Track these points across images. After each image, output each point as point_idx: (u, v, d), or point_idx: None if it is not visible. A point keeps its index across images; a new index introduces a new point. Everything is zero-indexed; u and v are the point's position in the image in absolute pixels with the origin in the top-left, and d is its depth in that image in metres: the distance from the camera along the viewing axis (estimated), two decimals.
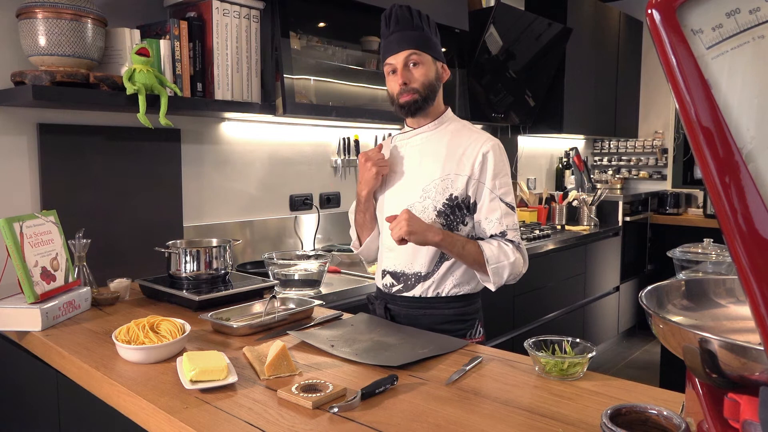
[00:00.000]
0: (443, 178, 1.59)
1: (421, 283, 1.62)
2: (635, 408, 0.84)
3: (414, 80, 1.57)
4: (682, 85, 0.54)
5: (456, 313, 1.63)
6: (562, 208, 4.15)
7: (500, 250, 1.55)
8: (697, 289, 0.88)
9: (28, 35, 1.76)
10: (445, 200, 1.58)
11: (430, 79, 1.59)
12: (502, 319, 3.11)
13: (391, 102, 1.65)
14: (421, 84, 1.58)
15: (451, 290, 1.62)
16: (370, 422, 1.01)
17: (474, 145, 1.59)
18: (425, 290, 1.62)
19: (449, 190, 1.58)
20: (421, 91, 1.58)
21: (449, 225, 1.58)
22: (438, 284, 1.62)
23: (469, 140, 1.61)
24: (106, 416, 1.28)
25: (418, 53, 1.57)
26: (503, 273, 1.55)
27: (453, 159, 1.59)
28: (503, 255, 1.54)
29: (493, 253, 1.54)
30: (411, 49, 1.56)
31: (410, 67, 1.57)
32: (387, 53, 1.60)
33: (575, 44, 3.98)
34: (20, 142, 1.95)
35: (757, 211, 0.52)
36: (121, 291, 1.85)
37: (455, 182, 1.58)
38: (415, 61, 1.57)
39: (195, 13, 2.13)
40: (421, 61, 1.57)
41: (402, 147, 1.69)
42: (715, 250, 2.45)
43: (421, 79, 1.57)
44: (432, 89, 1.60)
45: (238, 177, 2.57)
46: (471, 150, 1.59)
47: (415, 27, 1.58)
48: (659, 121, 5.09)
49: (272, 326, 1.57)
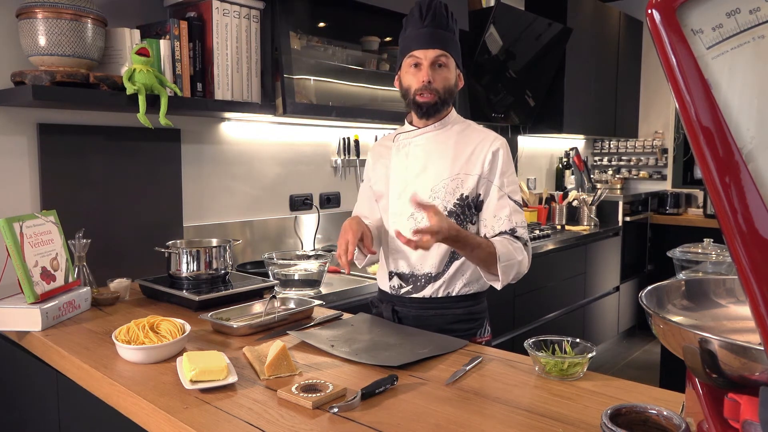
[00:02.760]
0: (453, 178, 1.57)
1: (432, 284, 1.61)
2: (635, 408, 0.84)
3: (437, 81, 1.55)
4: (682, 85, 0.54)
5: (466, 312, 1.62)
6: (562, 208, 4.15)
7: (512, 248, 1.52)
8: (697, 289, 0.88)
9: (28, 35, 1.76)
10: (456, 200, 1.57)
11: (451, 84, 1.58)
12: (503, 319, 3.11)
13: (404, 96, 1.61)
14: (443, 87, 1.56)
15: (461, 289, 1.61)
16: (370, 422, 1.01)
17: (483, 143, 1.58)
18: (436, 290, 1.61)
19: (460, 190, 1.57)
20: (441, 94, 1.56)
21: (459, 225, 1.57)
22: (448, 284, 1.61)
23: (477, 139, 1.60)
24: (106, 416, 1.28)
25: (447, 56, 1.55)
26: (511, 272, 1.52)
27: (461, 158, 1.58)
28: (514, 252, 1.52)
29: (504, 251, 1.51)
30: (442, 50, 1.54)
31: (437, 67, 1.55)
32: (415, 45, 1.54)
33: (575, 44, 3.98)
34: (20, 142, 1.95)
35: (757, 211, 0.52)
36: (121, 291, 1.85)
37: (465, 182, 1.57)
38: (443, 63, 1.55)
39: (195, 13, 2.13)
40: (447, 65, 1.56)
41: (405, 146, 1.66)
42: (715, 250, 2.45)
43: (444, 82, 1.56)
44: (451, 94, 1.59)
45: (238, 177, 2.57)
46: (480, 149, 1.58)
47: (449, 28, 1.57)
48: (659, 121, 5.09)
49: (272, 326, 1.57)
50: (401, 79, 1.62)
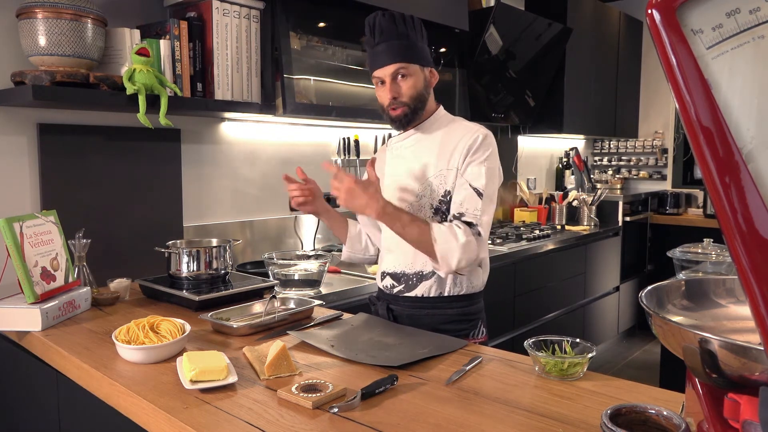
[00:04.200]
0: (436, 175, 1.60)
1: (423, 283, 1.62)
2: (635, 408, 0.84)
3: (402, 94, 1.57)
4: (682, 85, 0.54)
5: (459, 312, 1.63)
6: (562, 208, 4.15)
7: (450, 232, 1.49)
8: (697, 289, 0.88)
9: (28, 35, 1.76)
10: (440, 197, 1.59)
11: (418, 91, 1.59)
12: (503, 319, 3.11)
13: (382, 111, 1.64)
14: (410, 97, 1.58)
15: (453, 290, 1.62)
16: (370, 422, 1.01)
17: (464, 138, 1.58)
18: (428, 290, 1.62)
19: (443, 186, 1.58)
20: (410, 104, 1.58)
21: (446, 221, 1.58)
22: (440, 284, 1.62)
23: (460, 134, 1.60)
24: (106, 416, 1.28)
25: (405, 66, 1.56)
26: (453, 255, 1.48)
27: (444, 155, 1.59)
28: (452, 236, 1.49)
29: (441, 234, 1.49)
30: (398, 63, 1.55)
31: (398, 80, 1.57)
32: (374, 65, 1.58)
33: (575, 44, 3.98)
34: (20, 142, 1.95)
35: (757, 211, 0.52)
36: (121, 291, 1.85)
37: (447, 177, 1.58)
38: (403, 74, 1.56)
39: (195, 13, 2.13)
40: (409, 73, 1.57)
41: (397, 149, 1.70)
42: (715, 250, 2.45)
43: (409, 92, 1.57)
44: (421, 99, 1.60)
45: (239, 177, 2.57)
46: (461, 144, 1.58)
47: (400, 36, 1.56)
48: (659, 121, 5.09)
49: (272, 326, 1.57)
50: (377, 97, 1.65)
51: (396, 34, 1.56)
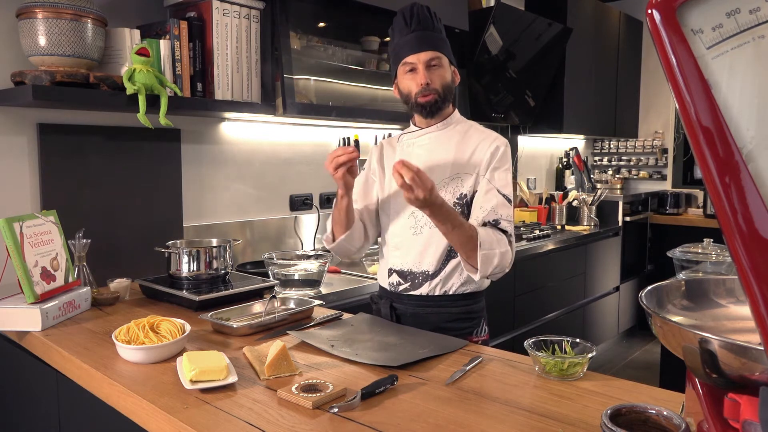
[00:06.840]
0: (453, 177, 1.60)
1: (428, 282, 1.62)
2: (635, 408, 0.84)
3: (435, 81, 1.59)
4: (682, 85, 0.54)
5: (462, 311, 1.63)
6: (562, 208, 4.15)
7: (495, 239, 1.51)
8: (697, 289, 0.88)
9: (28, 35, 1.76)
10: (455, 200, 1.60)
11: (447, 82, 1.61)
12: (503, 319, 3.11)
13: (405, 101, 1.64)
14: (441, 85, 1.60)
15: (458, 288, 1.62)
16: (370, 422, 1.01)
17: (483, 143, 1.61)
18: (432, 288, 1.62)
19: (459, 189, 1.60)
20: (440, 92, 1.60)
21: None
22: (445, 282, 1.62)
23: (478, 139, 1.63)
24: (106, 416, 1.28)
25: (439, 56, 1.59)
26: (492, 262, 1.49)
27: (462, 158, 1.61)
28: (497, 243, 1.50)
29: (487, 239, 1.49)
30: (433, 51, 1.57)
31: (431, 68, 1.58)
32: (406, 52, 1.58)
33: (575, 44, 3.98)
34: (20, 142, 1.95)
35: (757, 211, 0.52)
36: (121, 291, 1.85)
37: (465, 181, 1.60)
38: (437, 63, 1.59)
39: (195, 13, 2.13)
40: (441, 64, 1.59)
41: (409, 146, 1.69)
42: (715, 250, 2.45)
43: (440, 81, 1.59)
44: (449, 91, 1.63)
45: (238, 177, 2.57)
46: (480, 148, 1.61)
47: (435, 29, 1.60)
48: (659, 121, 5.09)
49: (272, 326, 1.57)
50: (399, 86, 1.65)
51: (432, 25, 1.59)
